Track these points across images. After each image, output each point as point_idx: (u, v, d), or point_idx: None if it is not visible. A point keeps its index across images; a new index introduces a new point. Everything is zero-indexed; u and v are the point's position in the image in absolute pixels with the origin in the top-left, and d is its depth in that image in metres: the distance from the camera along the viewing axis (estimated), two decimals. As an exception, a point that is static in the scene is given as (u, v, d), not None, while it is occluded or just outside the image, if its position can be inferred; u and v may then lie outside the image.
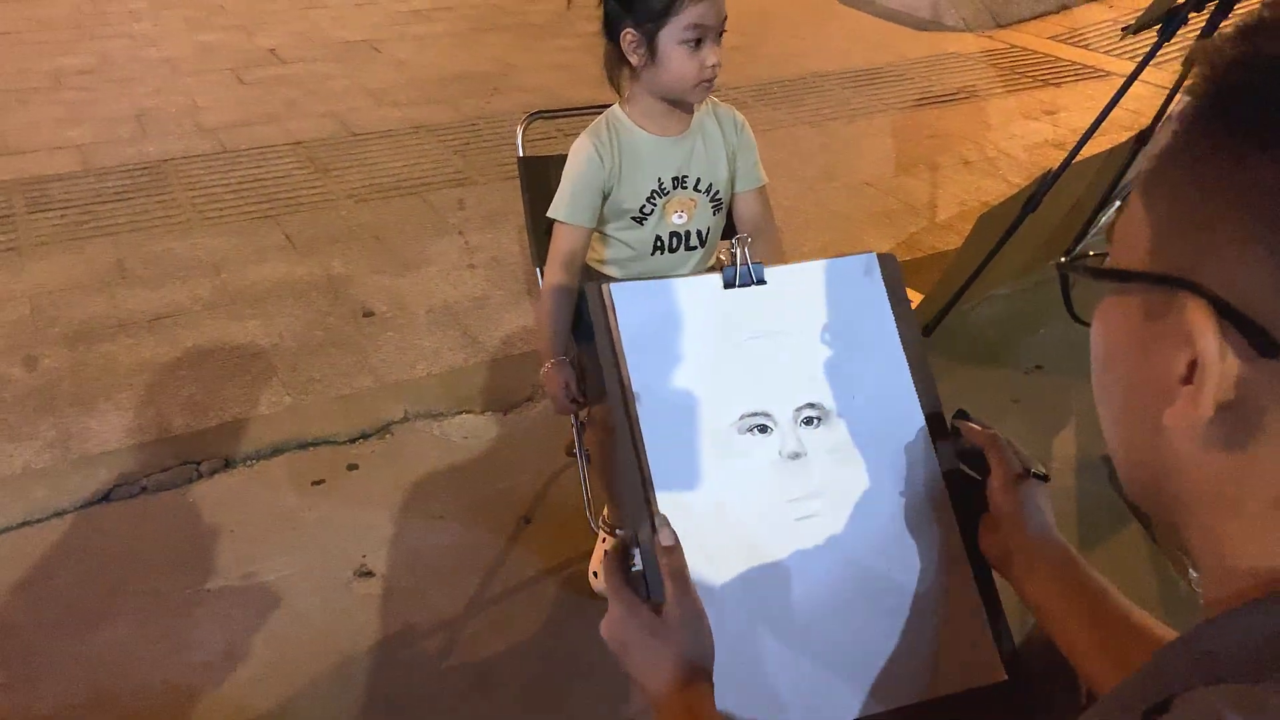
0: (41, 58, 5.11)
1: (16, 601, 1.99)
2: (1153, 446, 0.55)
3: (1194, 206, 0.50)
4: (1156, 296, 0.52)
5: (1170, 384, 0.51)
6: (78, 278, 3.09)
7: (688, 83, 1.69)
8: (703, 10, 1.63)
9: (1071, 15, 6.11)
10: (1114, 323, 0.57)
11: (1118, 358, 0.57)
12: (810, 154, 4.08)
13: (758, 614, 0.99)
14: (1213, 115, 0.50)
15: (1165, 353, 0.51)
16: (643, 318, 1.06)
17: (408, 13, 6.06)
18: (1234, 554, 0.52)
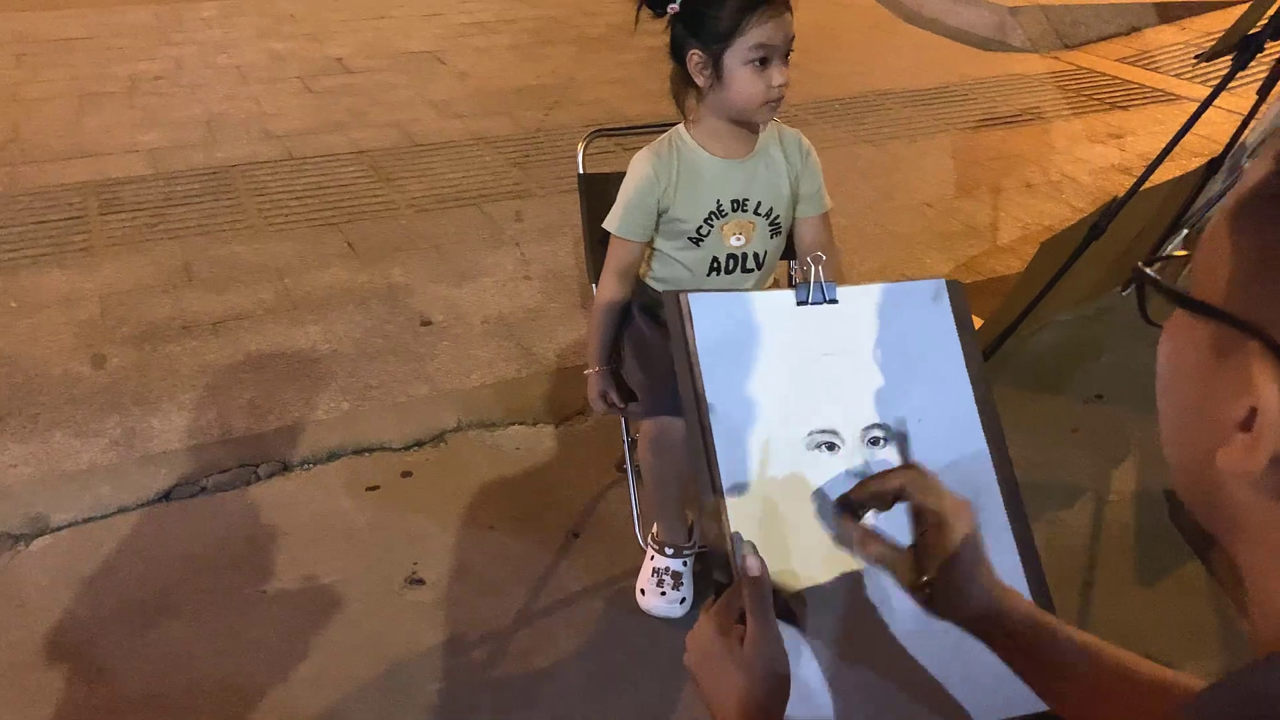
0: (119, 63, 5.26)
1: (79, 595, 2.04)
2: (1205, 478, 0.54)
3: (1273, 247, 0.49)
4: (1226, 334, 0.52)
5: (1228, 425, 0.51)
6: (146, 279, 3.17)
7: (754, 103, 1.69)
8: (768, 30, 1.64)
9: (1142, 37, 6.00)
10: (1181, 344, 0.56)
11: (1180, 381, 0.57)
12: (870, 173, 4.06)
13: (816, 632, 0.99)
14: None
15: (1226, 392, 0.51)
16: (718, 328, 1.07)
17: (471, 24, 6.14)
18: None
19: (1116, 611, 2.02)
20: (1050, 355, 2.86)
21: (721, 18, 1.64)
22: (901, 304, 1.14)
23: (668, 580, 1.99)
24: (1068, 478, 2.36)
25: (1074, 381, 2.75)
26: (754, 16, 1.62)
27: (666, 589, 1.99)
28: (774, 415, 1.06)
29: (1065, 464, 2.39)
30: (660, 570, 2.00)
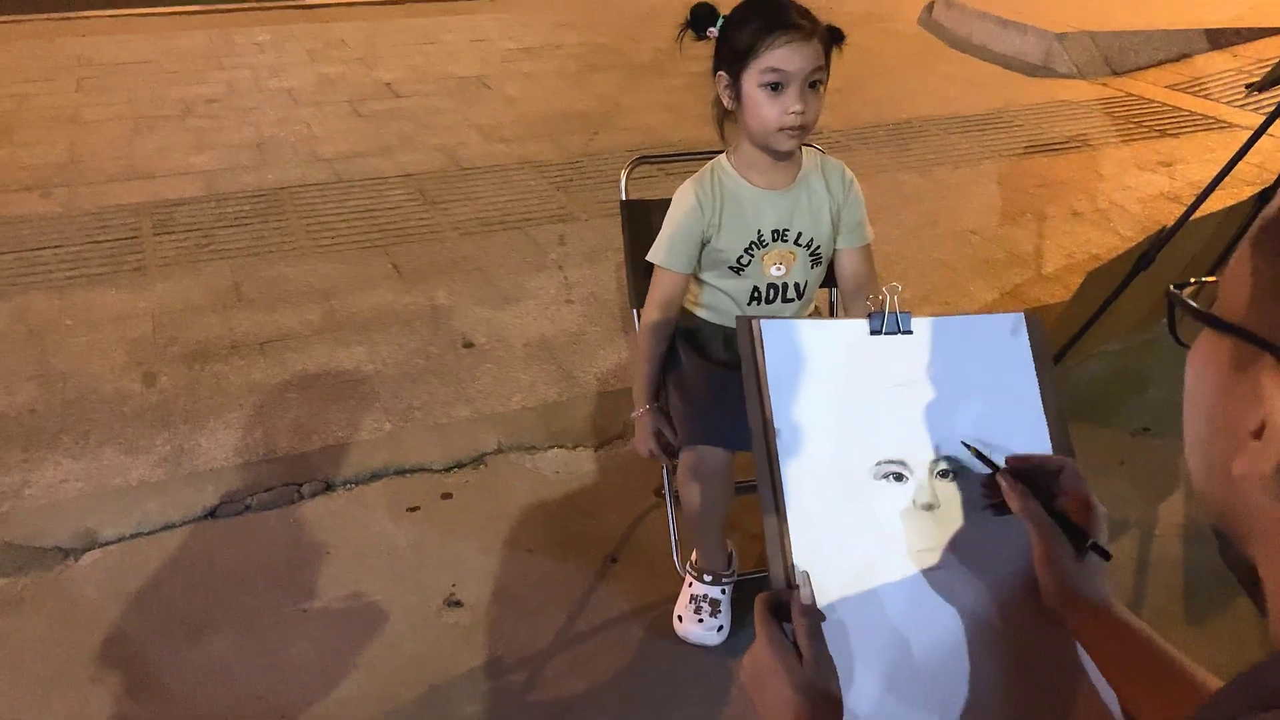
0: (174, 86, 5.39)
1: (125, 609, 2.08)
2: (1224, 485, 0.58)
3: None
4: (1244, 350, 0.56)
5: (1243, 435, 0.55)
6: (196, 299, 3.23)
7: (768, 128, 1.68)
8: (782, 55, 1.61)
9: (1192, 64, 5.93)
10: (1205, 360, 0.61)
11: (1203, 395, 0.61)
12: (913, 200, 4.04)
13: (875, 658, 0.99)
14: None
15: (1242, 404, 0.55)
16: (789, 355, 1.08)
17: (518, 50, 6.22)
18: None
19: (1164, 649, 1.98)
20: (1097, 386, 2.82)
21: (742, 39, 1.64)
22: (977, 337, 1.13)
23: (705, 608, 1.98)
24: (1115, 511, 2.32)
25: (1121, 413, 2.71)
26: (770, 39, 1.61)
27: (704, 616, 1.98)
28: (842, 443, 1.06)
29: (1113, 497, 2.35)
30: (698, 597, 1.99)
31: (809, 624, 0.88)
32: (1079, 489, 0.97)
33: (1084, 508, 0.96)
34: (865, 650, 0.99)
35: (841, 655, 0.96)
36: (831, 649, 0.92)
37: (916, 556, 1.03)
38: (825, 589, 0.99)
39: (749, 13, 1.67)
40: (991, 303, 3.26)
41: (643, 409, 1.90)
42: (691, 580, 2.01)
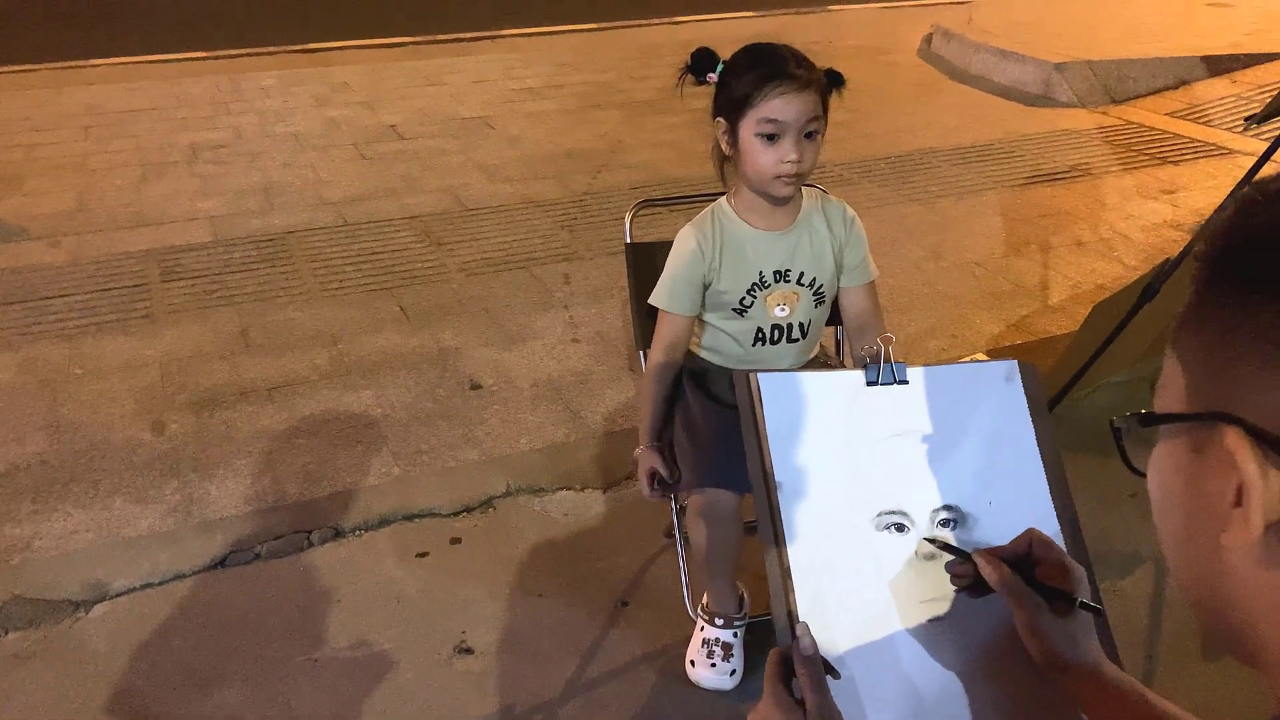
0: (181, 132, 5.44)
1: (136, 661, 2.07)
2: (1215, 571, 0.60)
3: (1218, 350, 0.58)
4: (1199, 433, 0.59)
5: (1224, 510, 0.57)
6: (204, 345, 3.24)
7: (764, 175, 1.70)
8: (778, 105, 1.64)
9: (1192, 91, 5.96)
10: (1166, 465, 0.64)
11: (1174, 495, 0.63)
12: (917, 232, 4.05)
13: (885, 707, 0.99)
14: (1223, 278, 0.59)
15: (1215, 482, 0.58)
16: (788, 408, 1.09)
17: (521, 90, 6.28)
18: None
19: (1179, 684, 1.96)
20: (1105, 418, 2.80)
21: (739, 89, 1.67)
22: (973, 385, 1.14)
23: (718, 651, 1.97)
24: (1126, 545, 2.31)
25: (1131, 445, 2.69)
26: (766, 89, 1.64)
27: (717, 660, 1.97)
28: (843, 495, 1.07)
29: (1123, 531, 2.33)
30: (710, 641, 1.98)
31: (811, 674, 0.89)
32: (1051, 556, 0.98)
33: (1061, 572, 0.97)
34: (874, 699, 0.99)
35: (851, 705, 0.97)
36: (841, 699, 0.92)
37: (921, 607, 1.03)
38: (832, 640, 0.99)
39: (747, 61, 1.69)
40: (997, 335, 3.26)
41: (642, 447, 1.91)
42: (703, 624, 2.00)
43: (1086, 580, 0.97)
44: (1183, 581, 0.65)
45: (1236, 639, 0.61)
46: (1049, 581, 0.97)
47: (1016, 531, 1.03)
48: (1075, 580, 0.96)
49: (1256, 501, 0.54)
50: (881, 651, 1.02)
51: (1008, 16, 7.46)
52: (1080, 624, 0.96)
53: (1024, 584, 0.97)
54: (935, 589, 1.05)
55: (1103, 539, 2.30)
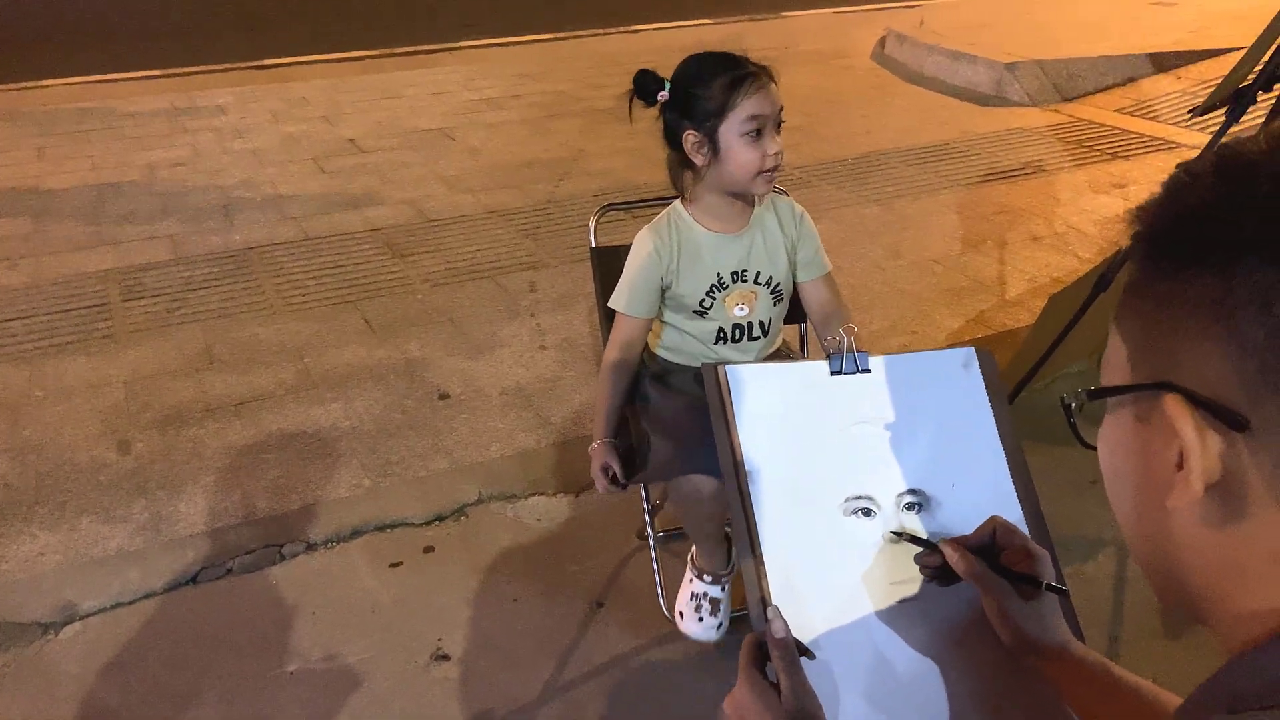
0: (138, 151, 5.40)
1: (109, 681, 2.06)
2: (1163, 535, 0.63)
3: (1157, 322, 0.61)
4: (1143, 403, 0.63)
5: (1168, 474, 0.60)
6: (168, 363, 3.22)
7: (751, 172, 1.74)
8: (757, 102, 1.71)
9: (1139, 87, 6.09)
10: (1114, 436, 0.67)
11: (1122, 464, 0.66)
12: (876, 232, 4.11)
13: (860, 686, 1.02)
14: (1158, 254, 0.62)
15: (1159, 449, 0.61)
16: (755, 400, 1.12)
17: (481, 101, 6.29)
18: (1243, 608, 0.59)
19: (1143, 665, 2.01)
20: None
21: (712, 96, 1.71)
22: (932, 372, 1.18)
23: (705, 606, 2.02)
24: (1089, 530, 2.36)
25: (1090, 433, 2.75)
26: (743, 90, 1.70)
27: (704, 615, 2.02)
28: (811, 482, 1.09)
29: (1086, 517, 2.38)
30: (699, 595, 2.03)
31: (784, 657, 0.91)
32: (1015, 541, 1.01)
33: (1025, 556, 0.99)
34: (849, 680, 1.02)
35: (826, 685, 0.99)
36: (816, 679, 0.94)
37: (891, 589, 1.06)
38: (805, 623, 1.02)
39: (707, 72, 1.73)
40: (958, 330, 3.32)
41: (597, 442, 1.94)
42: (692, 577, 2.04)
43: (1051, 563, 1.00)
44: (1136, 548, 0.68)
45: (1187, 598, 0.64)
46: (1014, 566, 1.00)
47: (979, 513, 1.06)
48: (1040, 563, 0.99)
49: (1195, 463, 0.57)
50: (853, 633, 1.05)
51: (959, 19, 7.58)
52: (1046, 606, 0.98)
53: (991, 571, 1.00)
54: (904, 571, 1.08)
55: (1067, 524, 2.34)
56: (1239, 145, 0.60)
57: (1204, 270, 0.57)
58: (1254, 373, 0.55)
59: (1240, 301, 0.55)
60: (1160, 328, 0.61)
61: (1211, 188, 0.59)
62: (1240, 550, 0.58)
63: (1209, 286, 0.57)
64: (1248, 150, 0.59)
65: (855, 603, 1.06)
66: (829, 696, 0.99)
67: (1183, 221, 0.60)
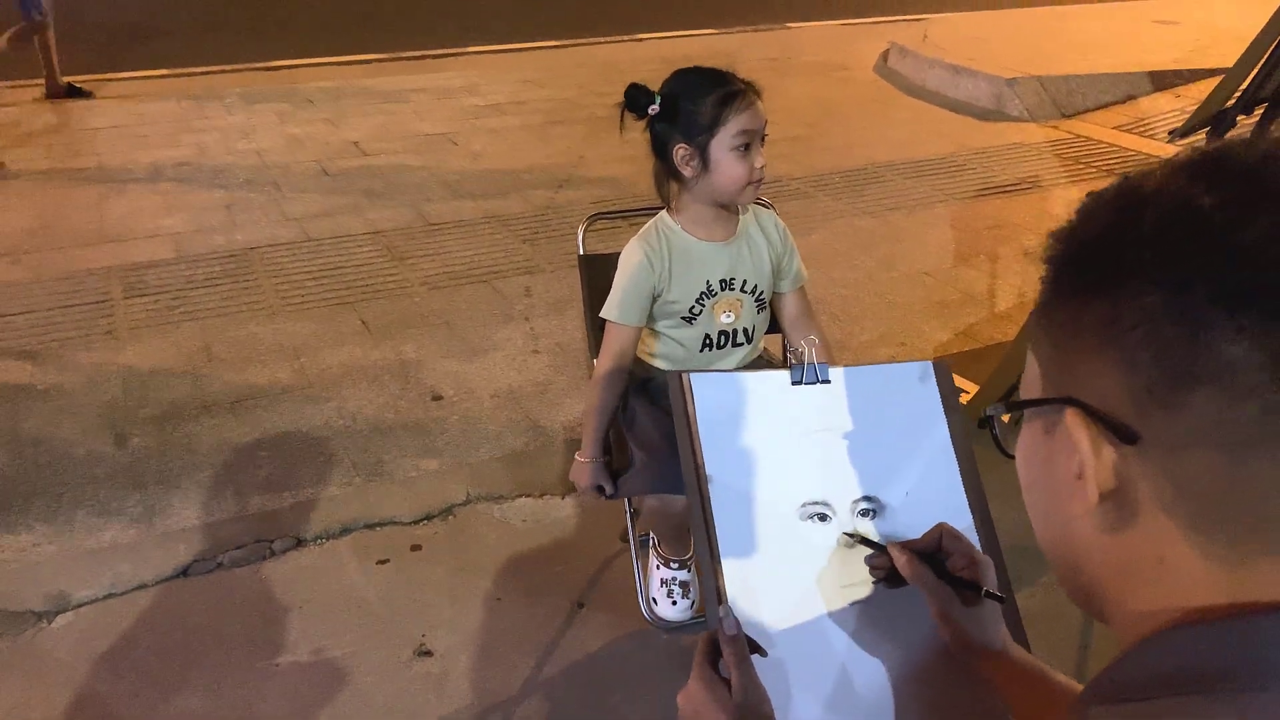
0: (144, 150, 5.45)
1: (99, 670, 2.10)
2: (1068, 539, 0.67)
3: (1062, 342, 0.65)
4: (1049, 417, 0.66)
5: (1070, 483, 0.64)
6: (167, 360, 3.27)
7: (739, 185, 1.80)
8: (746, 118, 1.77)
9: (1138, 105, 6.14)
10: (1026, 447, 0.71)
11: (1033, 473, 0.70)
12: (869, 244, 4.15)
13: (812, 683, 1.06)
14: (1064, 278, 0.65)
15: (1062, 459, 0.64)
16: (718, 406, 1.16)
17: (485, 107, 6.34)
18: (1134, 608, 0.63)
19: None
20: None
21: (703, 111, 1.77)
22: (890, 384, 1.23)
23: (676, 590, 2.11)
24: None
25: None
26: (733, 106, 1.77)
27: (676, 598, 2.11)
28: (769, 487, 1.14)
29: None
30: (668, 581, 2.10)
31: (735, 653, 0.95)
32: (960, 548, 1.05)
33: (970, 563, 1.03)
34: (801, 676, 1.06)
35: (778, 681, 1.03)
36: (770, 677, 0.99)
37: (844, 591, 1.11)
38: (760, 622, 1.06)
39: (698, 88, 1.78)
40: (946, 342, 3.36)
41: (589, 460, 1.98)
42: (659, 565, 2.11)
43: (994, 570, 1.04)
44: (1047, 551, 0.72)
45: (1090, 598, 0.68)
46: (958, 572, 1.04)
47: (931, 520, 1.10)
48: (982, 571, 1.03)
49: (1090, 473, 0.61)
50: (807, 632, 1.09)
51: (962, 33, 7.63)
52: (988, 611, 1.03)
53: (934, 576, 1.04)
54: (857, 574, 1.12)
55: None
56: (1139, 176, 0.63)
57: (1097, 295, 0.61)
58: (1142, 390, 0.59)
59: (1127, 325, 0.59)
60: (1064, 347, 0.65)
61: (1105, 217, 0.63)
62: (1131, 554, 0.62)
63: (1102, 310, 0.61)
64: (1144, 182, 0.62)
65: (808, 604, 1.10)
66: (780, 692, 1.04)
67: (1081, 248, 0.64)
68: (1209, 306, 0.56)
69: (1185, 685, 0.56)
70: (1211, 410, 0.56)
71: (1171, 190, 0.60)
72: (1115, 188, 0.64)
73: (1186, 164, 0.62)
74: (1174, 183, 0.61)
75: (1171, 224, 0.59)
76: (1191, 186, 0.60)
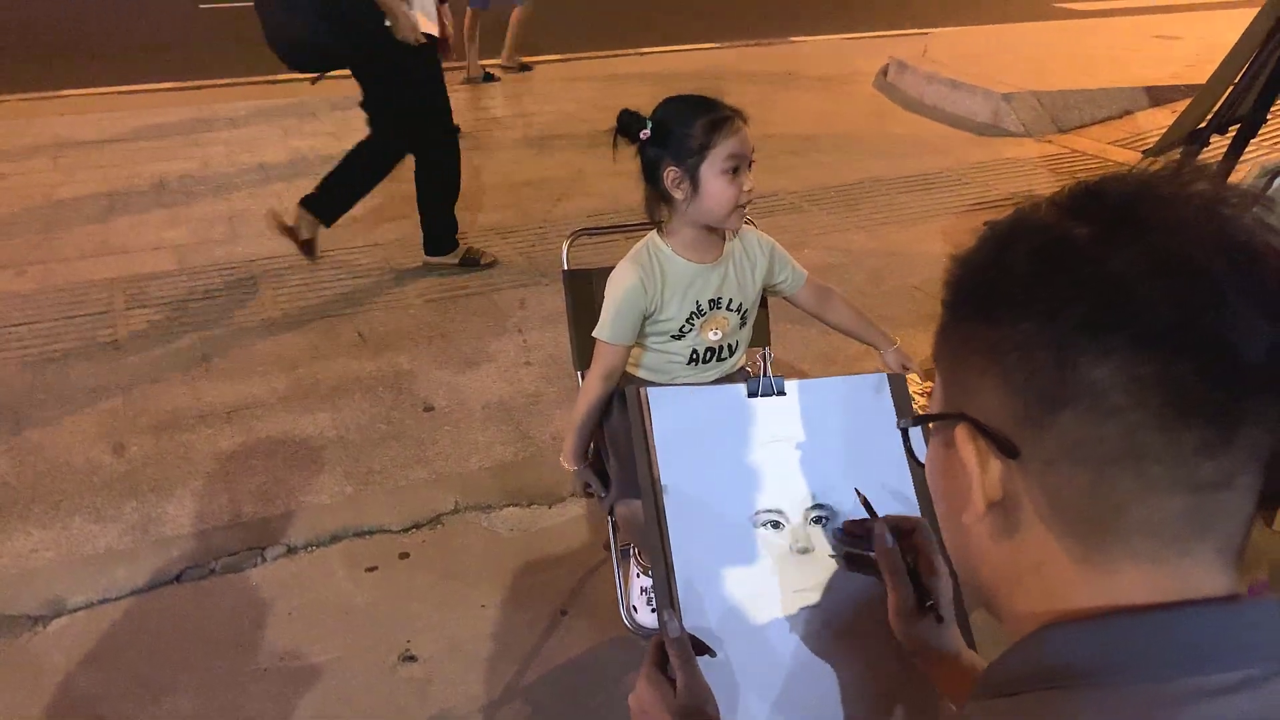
0: (149, 162, 5.54)
1: (92, 672, 2.15)
2: (964, 545, 0.72)
3: (956, 362, 0.70)
4: (947, 431, 0.70)
5: (964, 494, 0.68)
6: (167, 370, 3.33)
7: (727, 208, 1.86)
8: (735, 143, 1.83)
9: (1134, 120, 6.18)
10: (931, 458, 0.76)
11: (936, 483, 0.75)
12: (862, 258, 4.20)
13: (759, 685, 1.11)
14: (957, 304, 0.70)
15: (957, 472, 0.69)
16: (675, 419, 1.21)
17: (486, 120, 6.41)
18: (1019, 609, 0.68)
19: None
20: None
21: (694, 135, 1.83)
22: (845, 396, 1.28)
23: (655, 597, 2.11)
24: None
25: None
26: (723, 131, 1.83)
27: (655, 605, 2.11)
28: (724, 496, 1.19)
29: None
30: (648, 589, 2.14)
31: (679, 654, 1.00)
32: (928, 549, 1.08)
33: (930, 569, 1.07)
34: (751, 678, 1.11)
35: (726, 682, 1.08)
36: (717, 676, 1.03)
37: (794, 596, 1.15)
38: (712, 627, 1.11)
39: (689, 113, 1.85)
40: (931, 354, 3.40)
41: (575, 467, 2.05)
42: (639, 573, 2.15)
43: (950, 584, 1.06)
44: (951, 555, 0.77)
45: (987, 599, 0.72)
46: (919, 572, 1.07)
47: None
48: (938, 581, 1.06)
49: (978, 484, 0.66)
50: (757, 635, 1.14)
51: (961, 48, 7.69)
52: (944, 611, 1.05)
53: (904, 568, 1.07)
54: (808, 579, 1.17)
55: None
56: (1029, 209, 0.68)
57: (983, 321, 0.66)
58: (1020, 409, 0.63)
59: (1006, 350, 0.63)
60: (957, 367, 0.69)
61: (991, 248, 0.67)
62: (1016, 560, 0.67)
63: (986, 335, 0.65)
64: (1030, 214, 0.67)
65: (759, 607, 1.15)
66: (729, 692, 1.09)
67: (971, 276, 0.69)
68: (1076, 334, 0.60)
69: (1051, 681, 0.61)
70: (1078, 429, 0.61)
71: (1048, 223, 0.65)
72: (1008, 219, 0.68)
73: (1067, 198, 0.66)
74: (1052, 216, 0.65)
75: (1045, 256, 0.63)
76: (1067, 219, 0.64)
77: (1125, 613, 0.61)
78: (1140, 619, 0.61)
